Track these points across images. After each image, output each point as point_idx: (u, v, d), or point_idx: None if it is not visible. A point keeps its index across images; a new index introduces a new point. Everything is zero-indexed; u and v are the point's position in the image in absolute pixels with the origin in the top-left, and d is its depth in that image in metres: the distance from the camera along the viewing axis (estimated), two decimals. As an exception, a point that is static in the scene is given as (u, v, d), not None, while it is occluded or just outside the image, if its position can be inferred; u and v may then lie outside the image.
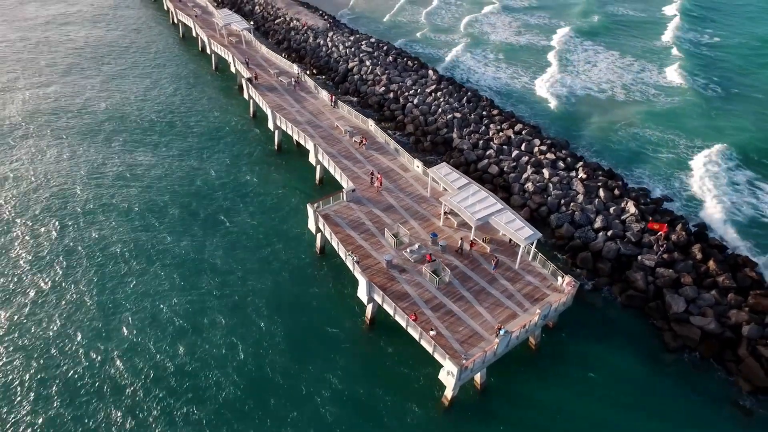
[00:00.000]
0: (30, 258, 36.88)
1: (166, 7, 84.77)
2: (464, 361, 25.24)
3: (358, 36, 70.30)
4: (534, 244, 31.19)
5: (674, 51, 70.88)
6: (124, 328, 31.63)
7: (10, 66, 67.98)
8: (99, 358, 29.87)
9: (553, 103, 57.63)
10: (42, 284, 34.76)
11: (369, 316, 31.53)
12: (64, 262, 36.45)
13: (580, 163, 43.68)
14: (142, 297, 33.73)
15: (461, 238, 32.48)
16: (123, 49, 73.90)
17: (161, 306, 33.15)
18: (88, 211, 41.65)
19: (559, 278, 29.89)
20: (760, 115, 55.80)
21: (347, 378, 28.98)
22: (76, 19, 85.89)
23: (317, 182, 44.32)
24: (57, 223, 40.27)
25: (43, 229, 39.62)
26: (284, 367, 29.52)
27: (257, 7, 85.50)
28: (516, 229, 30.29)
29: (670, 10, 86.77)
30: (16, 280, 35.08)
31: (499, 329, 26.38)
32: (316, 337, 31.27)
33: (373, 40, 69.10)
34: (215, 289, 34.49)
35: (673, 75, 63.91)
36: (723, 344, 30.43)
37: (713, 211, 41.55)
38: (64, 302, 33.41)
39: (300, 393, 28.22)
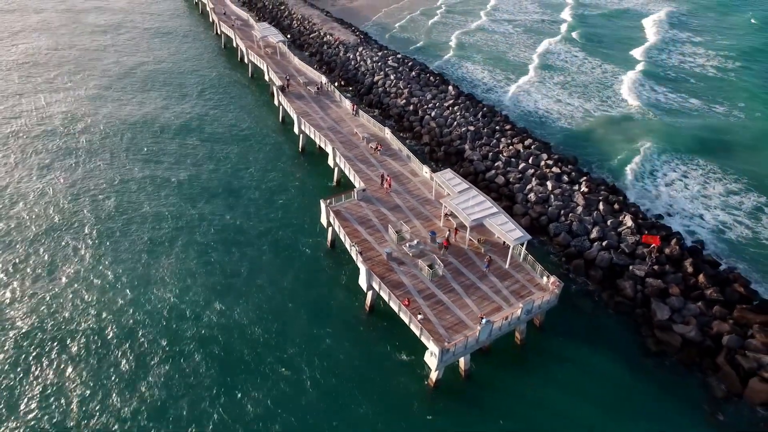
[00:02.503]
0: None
1: (211, 19, 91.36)
2: (446, 344, 27.68)
3: (385, 52, 74.30)
4: (524, 246, 33.48)
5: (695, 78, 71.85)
6: (164, 280, 35.86)
7: (74, 68, 75.06)
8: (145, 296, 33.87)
9: (573, 122, 59.71)
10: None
11: (368, 304, 34.35)
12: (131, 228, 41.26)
13: (584, 178, 45.62)
14: (181, 260, 39.18)
15: (448, 229, 35.34)
16: (171, 54, 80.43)
17: (199, 263, 38.69)
18: (145, 186, 48.36)
19: (545, 278, 32.03)
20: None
21: (343, 355, 31.83)
22: (131, 27, 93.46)
23: (335, 183, 47.74)
24: (119, 200, 46.29)
25: (96, 209, 44.53)
26: (286, 340, 32.65)
27: (294, 22, 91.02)
28: (507, 230, 32.72)
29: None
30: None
31: (482, 318, 28.76)
32: (317, 318, 34.33)
33: (399, 56, 72.92)
34: (235, 266, 38.55)
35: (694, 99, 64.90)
36: (703, 352, 31.75)
37: (713, 230, 42.73)
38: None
39: (299, 364, 31.23)
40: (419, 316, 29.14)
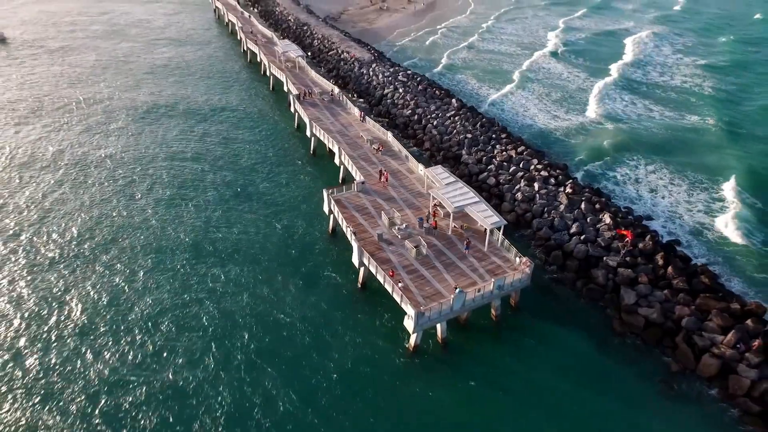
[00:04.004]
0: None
1: (238, 37, 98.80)
2: (422, 308, 31.28)
3: (396, 68, 79.63)
4: (501, 230, 37.07)
5: (696, 98, 74.91)
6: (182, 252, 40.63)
7: (115, 74, 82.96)
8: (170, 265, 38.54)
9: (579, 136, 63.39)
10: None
11: (360, 280, 38.21)
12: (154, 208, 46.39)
13: (570, 181, 49.03)
14: (206, 230, 45.55)
15: (429, 211, 40.07)
16: (200, 67, 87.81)
17: (218, 236, 44.56)
18: (178, 172, 55.15)
19: (518, 258, 35.47)
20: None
21: (334, 321, 35.59)
22: (167, 41, 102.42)
23: (340, 181, 52.22)
24: (171, 175, 54.04)
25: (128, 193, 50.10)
26: (285, 305, 36.70)
27: (316, 41, 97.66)
28: (485, 216, 36.43)
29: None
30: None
31: (456, 288, 32.31)
32: (313, 290, 38.33)
33: (409, 72, 78.12)
34: (244, 242, 43.29)
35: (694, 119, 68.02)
36: (663, 332, 34.47)
37: (692, 231, 45.50)
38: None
39: (294, 324, 35.24)
40: (400, 284, 32.87)
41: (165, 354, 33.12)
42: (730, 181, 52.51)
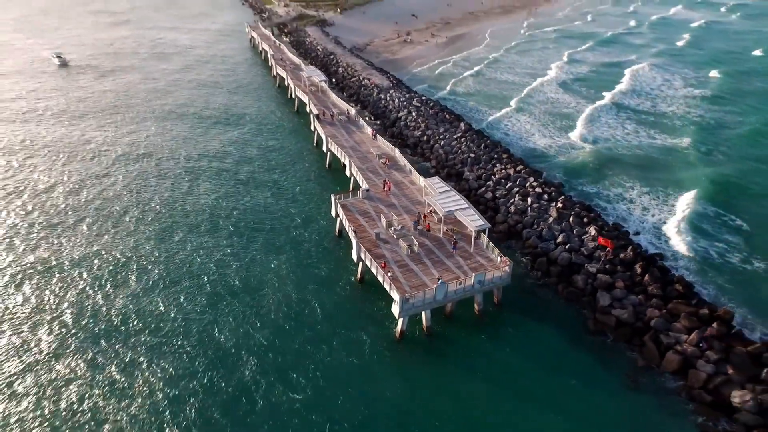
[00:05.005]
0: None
1: (270, 63, 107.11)
2: (407, 294, 35.15)
3: (412, 94, 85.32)
4: (486, 233, 40.84)
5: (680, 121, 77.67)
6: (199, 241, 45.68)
7: (160, 95, 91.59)
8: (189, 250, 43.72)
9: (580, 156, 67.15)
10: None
11: (359, 275, 42.36)
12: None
13: (562, 197, 52.48)
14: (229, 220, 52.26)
15: (420, 213, 44.71)
16: (233, 89, 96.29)
17: (237, 222, 51.76)
18: (217, 175, 62.73)
19: (499, 258, 39.08)
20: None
21: (332, 309, 39.68)
22: (206, 65, 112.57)
23: (350, 190, 56.81)
24: (164, 183, 57.85)
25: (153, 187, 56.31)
26: (287, 294, 41.06)
27: (340, 68, 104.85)
28: (472, 219, 40.37)
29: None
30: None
31: (438, 279, 36.11)
32: (314, 281, 42.64)
33: (423, 98, 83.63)
34: (260, 242, 48.12)
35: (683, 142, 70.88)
36: (633, 332, 37.17)
37: (676, 247, 48.08)
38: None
39: (293, 308, 39.53)
40: (389, 274, 36.91)
41: (210, 325, 37.93)
42: (720, 204, 54.92)
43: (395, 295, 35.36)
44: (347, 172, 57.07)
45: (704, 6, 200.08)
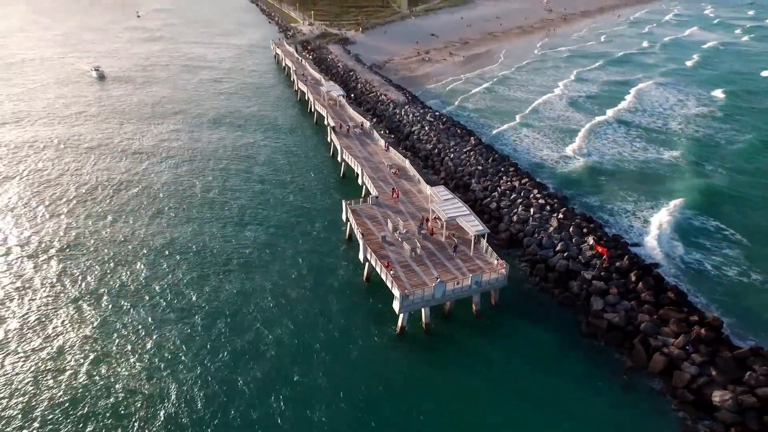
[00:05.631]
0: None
1: (292, 78, 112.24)
2: (406, 291, 37.69)
3: (426, 110, 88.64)
4: (485, 237, 43.23)
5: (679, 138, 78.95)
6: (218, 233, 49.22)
7: (187, 107, 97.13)
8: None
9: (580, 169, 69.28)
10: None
11: (365, 274, 45.07)
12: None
13: (564, 208, 54.52)
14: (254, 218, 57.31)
15: (423, 216, 47.40)
16: (257, 101, 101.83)
17: (255, 220, 56.19)
18: (226, 181, 66.92)
19: (496, 260, 41.37)
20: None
21: (339, 306, 42.39)
22: (232, 79, 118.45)
23: (362, 197, 59.92)
24: (196, 187, 62.17)
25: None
26: (299, 293, 44.02)
27: (359, 85, 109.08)
28: (471, 225, 42.86)
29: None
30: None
31: (437, 279, 38.56)
32: (326, 281, 45.51)
33: (436, 113, 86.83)
34: (276, 243, 51.52)
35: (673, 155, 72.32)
36: (624, 335, 38.82)
37: (670, 257, 49.53)
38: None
39: (304, 303, 42.49)
40: (391, 272, 39.54)
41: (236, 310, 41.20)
42: (718, 216, 56.40)
43: (396, 292, 37.92)
44: (359, 181, 60.21)
45: (720, 27, 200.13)
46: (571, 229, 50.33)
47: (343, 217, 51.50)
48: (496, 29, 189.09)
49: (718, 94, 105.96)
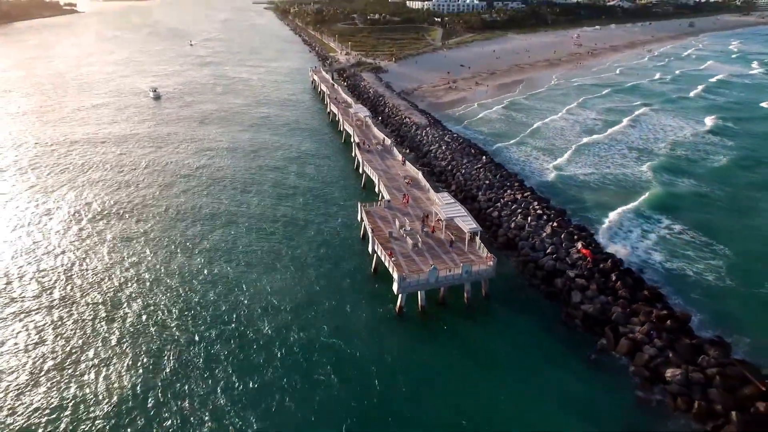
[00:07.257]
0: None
1: (325, 102, 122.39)
2: (404, 273, 43.93)
3: (445, 131, 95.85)
4: (478, 235, 49.17)
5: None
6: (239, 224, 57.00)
7: (230, 120, 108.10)
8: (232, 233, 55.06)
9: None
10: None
11: (373, 266, 51.59)
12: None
13: (559, 218, 59.76)
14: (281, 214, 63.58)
15: (424, 213, 53.66)
16: (293, 121, 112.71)
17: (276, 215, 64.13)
18: (262, 187, 73.91)
19: (485, 254, 47.16)
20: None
21: (349, 292, 48.90)
22: (268, 100, 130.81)
23: (379, 202, 67.20)
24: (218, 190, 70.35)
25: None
26: (313, 281, 50.83)
27: (387, 108, 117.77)
28: (467, 224, 48.98)
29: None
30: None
31: (432, 265, 44.69)
32: (339, 272, 52.24)
33: (454, 134, 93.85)
34: (297, 240, 58.70)
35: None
36: (597, 323, 43.55)
37: (653, 263, 53.88)
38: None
39: (316, 287, 49.23)
40: (393, 259, 45.96)
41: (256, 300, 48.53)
42: (702, 228, 60.58)
43: (395, 275, 44.21)
44: (376, 189, 67.35)
45: (739, 61, 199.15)
46: (563, 236, 55.52)
47: (359, 218, 58.44)
48: (524, 61, 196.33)
49: (706, 119, 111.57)
